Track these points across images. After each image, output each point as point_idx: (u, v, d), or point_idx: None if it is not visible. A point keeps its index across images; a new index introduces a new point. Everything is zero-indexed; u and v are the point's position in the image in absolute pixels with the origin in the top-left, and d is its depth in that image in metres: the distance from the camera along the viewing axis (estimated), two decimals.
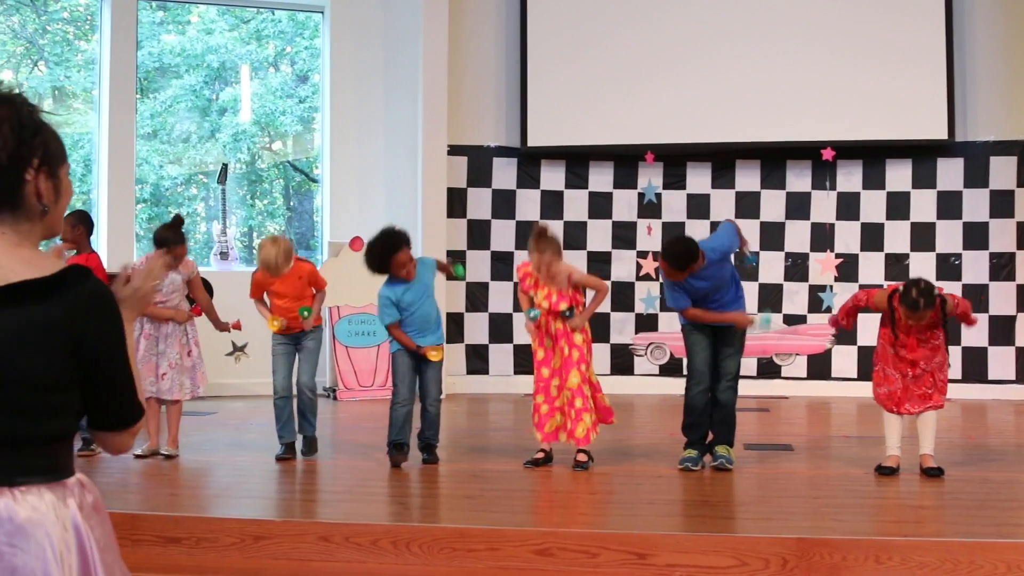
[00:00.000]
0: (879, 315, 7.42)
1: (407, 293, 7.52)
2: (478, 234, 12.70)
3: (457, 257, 12.39)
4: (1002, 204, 12.16)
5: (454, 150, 12.52)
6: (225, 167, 12.46)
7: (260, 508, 6.40)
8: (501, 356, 12.66)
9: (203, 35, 13.95)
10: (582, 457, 7.35)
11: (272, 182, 14.67)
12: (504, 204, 12.72)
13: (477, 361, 12.65)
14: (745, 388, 12.06)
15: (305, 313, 7.86)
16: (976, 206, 12.23)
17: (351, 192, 12.78)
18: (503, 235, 12.68)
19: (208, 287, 8.43)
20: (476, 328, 12.67)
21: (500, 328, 12.66)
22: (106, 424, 2.48)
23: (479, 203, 12.69)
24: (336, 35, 12.96)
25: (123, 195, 12.01)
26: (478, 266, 12.62)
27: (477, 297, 12.67)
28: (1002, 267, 12.14)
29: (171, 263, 7.65)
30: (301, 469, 7.41)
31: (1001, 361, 12.09)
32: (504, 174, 12.75)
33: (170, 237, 7.74)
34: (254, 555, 5.53)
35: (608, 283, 7.90)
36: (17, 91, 2.40)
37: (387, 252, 7.49)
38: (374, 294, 11.98)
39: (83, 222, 8.10)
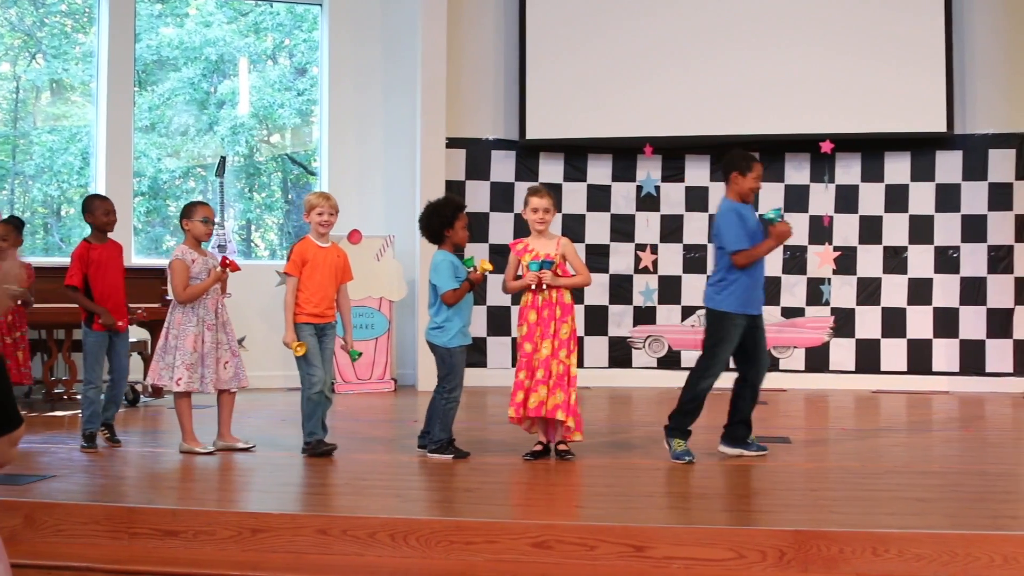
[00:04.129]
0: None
1: (459, 268, 7.61)
2: (476, 227, 12.64)
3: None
4: (1000, 197, 12.16)
5: (452, 143, 12.51)
6: (223, 160, 12.45)
7: (257, 501, 6.39)
8: (499, 349, 12.67)
9: (201, 28, 13.94)
10: (563, 448, 7.42)
11: (270, 175, 14.66)
12: (502, 197, 12.72)
13: (475, 354, 12.63)
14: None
15: (357, 355, 7.88)
16: (974, 199, 12.23)
17: (349, 185, 12.77)
18: (501, 228, 12.68)
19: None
20: (474, 321, 12.60)
21: (498, 321, 12.66)
22: None
23: (477, 196, 12.69)
24: (335, 28, 12.95)
25: (121, 188, 12.00)
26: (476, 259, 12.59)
27: (476, 290, 12.61)
28: (1000, 259, 12.14)
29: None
30: (298, 463, 7.40)
31: (999, 354, 12.09)
32: (502, 167, 12.75)
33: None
34: (251, 548, 5.52)
35: (592, 279, 7.81)
36: None
37: (456, 209, 7.67)
38: (372, 286, 12.04)
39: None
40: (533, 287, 7.45)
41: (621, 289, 12.69)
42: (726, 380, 7.51)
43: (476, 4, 12.83)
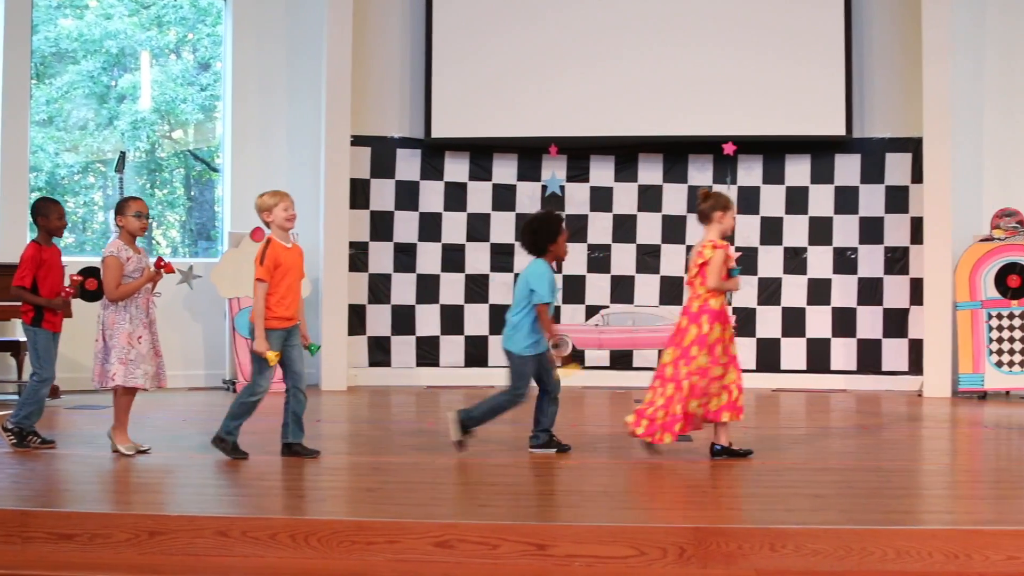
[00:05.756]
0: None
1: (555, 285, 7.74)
2: (381, 225, 12.64)
3: (360, 249, 12.35)
4: (897, 199, 12.43)
5: (357, 140, 12.43)
6: (123, 155, 12.23)
7: (155, 503, 6.29)
8: (403, 348, 12.62)
9: (102, 20, 13.66)
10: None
11: (172, 171, 14.42)
12: (407, 195, 12.67)
13: (379, 353, 12.59)
14: (645, 380, 12.24)
15: (316, 349, 7.78)
16: (872, 201, 12.48)
17: (253, 182, 12.56)
18: (406, 227, 12.64)
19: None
20: (378, 320, 12.61)
21: (403, 320, 12.62)
22: None
23: (382, 194, 12.63)
24: (239, 22, 12.79)
25: (16, 183, 11.73)
26: (381, 258, 12.56)
27: (380, 289, 12.60)
28: (896, 261, 12.40)
29: None
30: (197, 463, 7.29)
31: (895, 353, 12.35)
32: (408, 165, 12.70)
33: None
34: (149, 551, 5.43)
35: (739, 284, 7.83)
36: None
37: (560, 223, 7.81)
38: None
39: None
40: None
41: None
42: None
43: (382, 2, 12.76)
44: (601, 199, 12.72)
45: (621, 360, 12.65)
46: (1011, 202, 11.86)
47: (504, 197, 12.76)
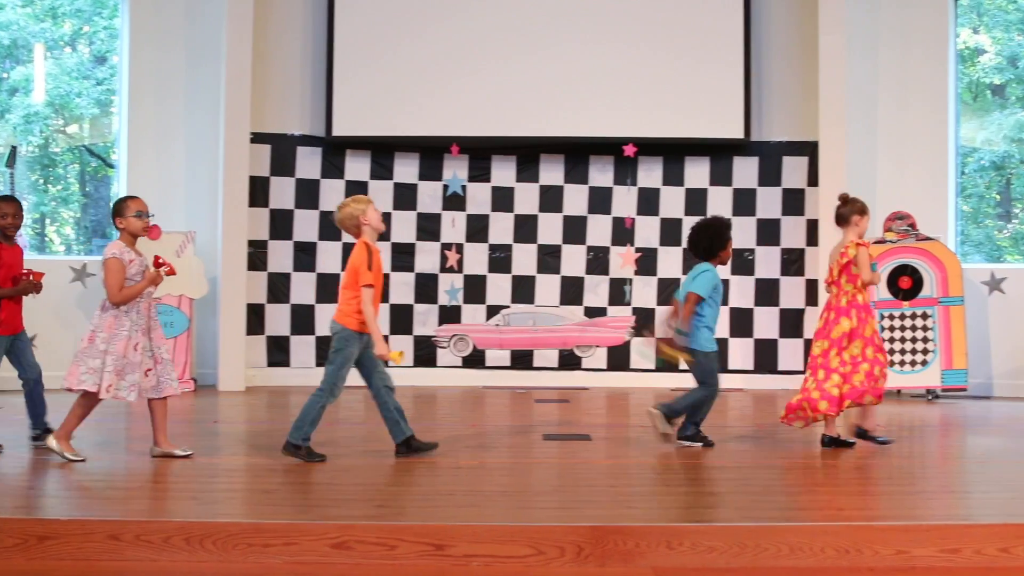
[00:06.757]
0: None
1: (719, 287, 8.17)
2: (281, 224, 12.51)
3: (259, 248, 12.21)
4: (793, 202, 12.65)
5: (257, 138, 12.30)
6: (14, 150, 11.96)
7: (45, 507, 6.15)
8: (303, 348, 12.52)
9: None
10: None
11: (67, 167, 14.13)
12: (307, 194, 12.57)
13: (278, 353, 12.47)
14: (546, 379, 12.32)
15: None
16: (769, 204, 12.69)
17: (150, 179, 12.41)
18: (306, 225, 12.54)
19: None
20: (278, 319, 12.48)
21: (302, 319, 12.51)
22: None
23: (282, 192, 12.51)
24: (136, 16, 12.57)
25: None
26: (280, 257, 12.44)
27: (279, 288, 12.47)
28: (792, 262, 12.62)
29: None
30: (88, 466, 7.14)
31: (791, 352, 12.56)
32: (308, 163, 12.60)
33: None
34: (38, 556, 5.30)
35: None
36: None
37: (729, 229, 8.35)
38: (173, 284, 11.70)
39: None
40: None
41: (427, 288, 12.69)
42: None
43: None
44: (503, 199, 12.74)
45: (522, 360, 12.68)
46: (903, 205, 12.13)
47: (405, 196, 12.71)
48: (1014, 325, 12.06)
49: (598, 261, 12.75)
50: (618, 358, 12.69)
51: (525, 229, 12.75)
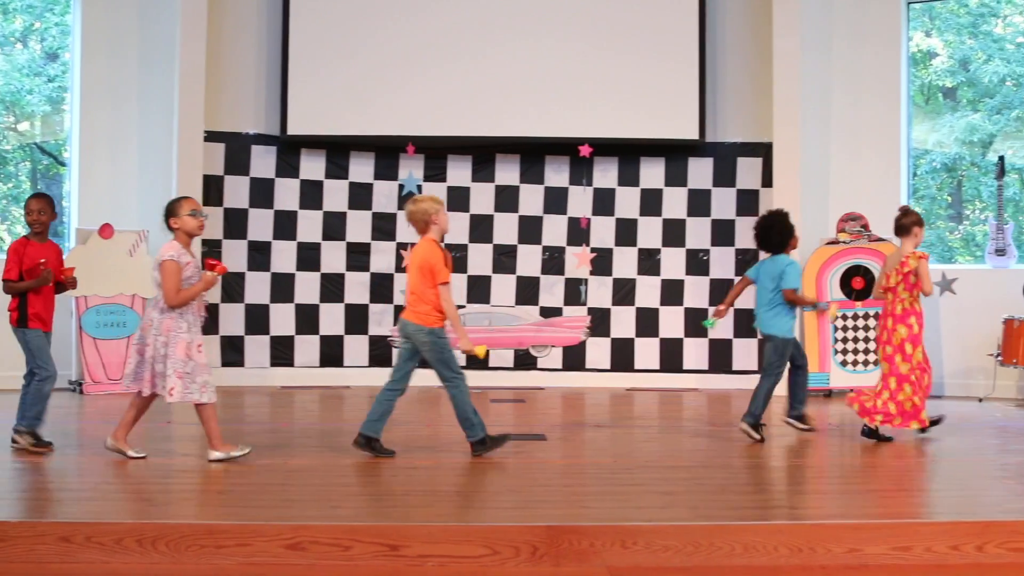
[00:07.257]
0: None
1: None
2: (235, 223, 12.43)
3: (213, 247, 12.12)
4: (747, 203, 12.71)
5: (211, 136, 12.21)
6: None
7: None
8: (257, 348, 12.44)
9: None
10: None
11: (17, 164, 13.97)
12: (262, 193, 12.49)
13: (232, 353, 12.38)
14: (501, 379, 12.31)
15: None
16: (724, 204, 12.75)
17: (102, 177, 12.29)
18: (261, 225, 12.46)
19: None
20: (232, 319, 12.40)
21: (257, 319, 12.43)
22: None
23: (236, 191, 12.42)
24: (88, 12, 12.44)
25: None
26: (235, 256, 12.35)
27: (233, 287, 12.39)
28: (747, 263, 12.62)
29: None
30: (38, 467, 7.07)
31: (745, 352, 12.63)
32: (263, 162, 12.52)
33: None
34: None
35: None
36: None
37: (792, 224, 8.90)
38: (124, 283, 11.63)
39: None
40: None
41: (382, 288, 12.65)
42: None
43: None
44: (458, 199, 12.72)
45: (477, 360, 12.64)
46: (856, 206, 12.24)
47: (360, 196, 12.67)
48: (964, 326, 12.18)
49: (554, 261, 12.77)
50: (574, 358, 12.71)
51: (481, 229, 12.74)
